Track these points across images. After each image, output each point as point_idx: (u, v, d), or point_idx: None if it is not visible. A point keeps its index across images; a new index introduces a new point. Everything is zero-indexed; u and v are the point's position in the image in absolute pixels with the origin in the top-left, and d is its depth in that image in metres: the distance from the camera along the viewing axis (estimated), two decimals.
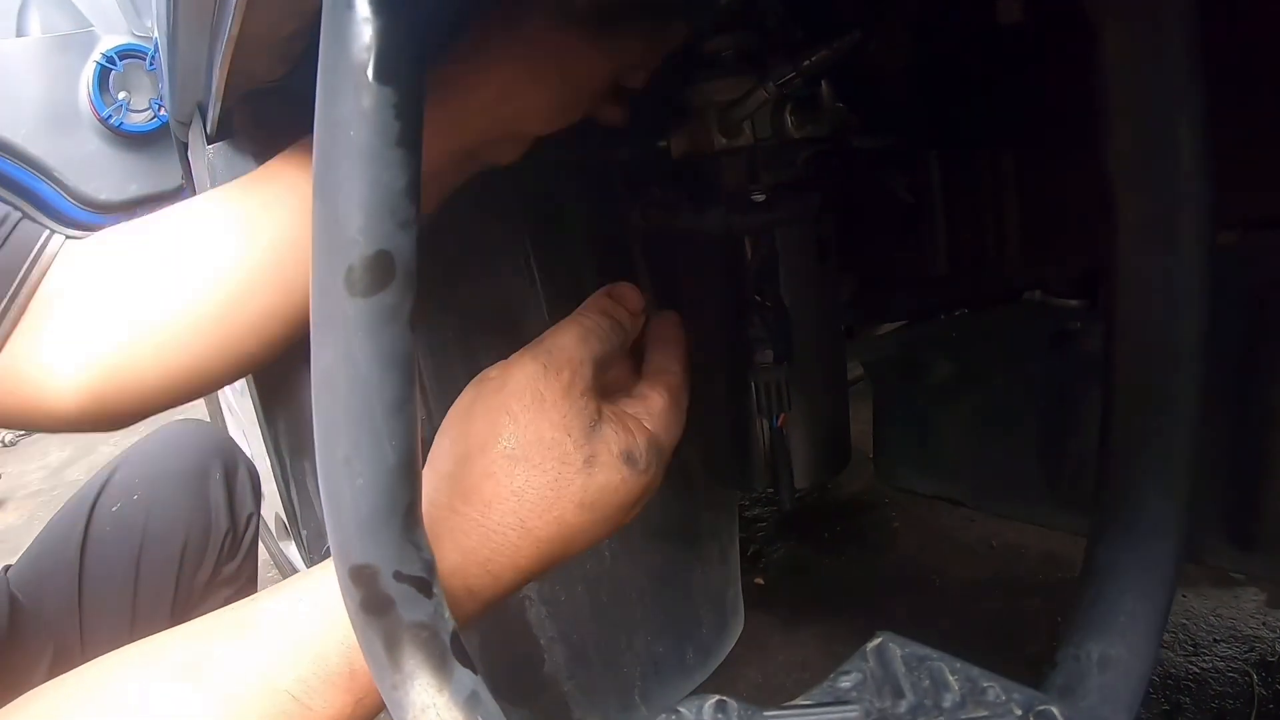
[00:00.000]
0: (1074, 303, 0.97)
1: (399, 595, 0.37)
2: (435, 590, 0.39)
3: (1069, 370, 1.00)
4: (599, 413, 0.59)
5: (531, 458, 0.56)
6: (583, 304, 0.65)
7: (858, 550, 2.06)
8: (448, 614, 0.40)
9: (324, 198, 0.32)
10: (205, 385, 0.75)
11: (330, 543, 0.37)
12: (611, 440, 0.58)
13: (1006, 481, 1.15)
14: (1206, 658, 1.54)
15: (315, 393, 0.34)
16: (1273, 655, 1.52)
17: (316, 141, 0.33)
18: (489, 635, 1.05)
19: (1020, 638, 1.63)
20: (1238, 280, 0.79)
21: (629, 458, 0.59)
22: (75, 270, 0.70)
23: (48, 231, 0.71)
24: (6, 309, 0.66)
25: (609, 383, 0.65)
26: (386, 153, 0.32)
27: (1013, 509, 1.18)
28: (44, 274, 0.69)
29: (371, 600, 0.37)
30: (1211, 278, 0.40)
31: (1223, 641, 1.57)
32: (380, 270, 0.32)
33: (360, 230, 0.31)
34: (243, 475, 1.28)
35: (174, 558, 1.16)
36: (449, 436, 0.59)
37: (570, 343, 0.60)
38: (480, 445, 0.56)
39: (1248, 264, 0.79)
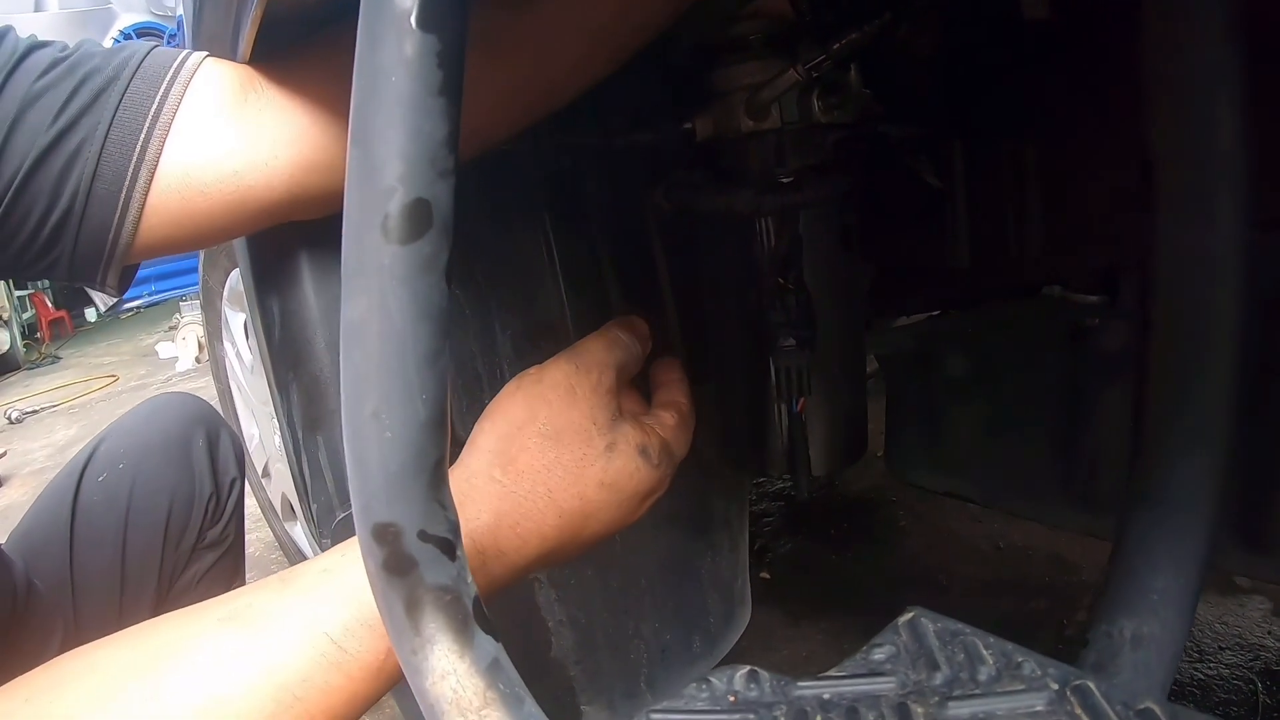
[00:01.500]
0: (1094, 299, 0.96)
1: (423, 556, 0.36)
2: (459, 553, 0.38)
3: (1086, 367, 0.99)
4: (620, 410, 0.69)
5: (562, 438, 0.64)
6: (602, 326, 0.74)
7: (864, 547, 2.05)
8: (470, 578, 0.39)
9: (361, 144, 0.32)
10: None
11: (353, 500, 0.36)
12: (630, 434, 0.67)
13: (1019, 480, 1.14)
14: (1212, 665, 1.53)
15: (344, 344, 0.34)
16: (1278, 664, 1.51)
17: (355, 88, 0.32)
18: (497, 615, 1.05)
19: (1028, 638, 1.61)
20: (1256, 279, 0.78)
21: (644, 451, 0.67)
22: (236, 75, 0.73)
23: (184, 52, 0.74)
24: (158, 113, 0.69)
25: (625, 410, 0.72)
26: (428, 101, 0.31)
27: (1025, 507, 1.18)
28: (192, 74, 0.71)
29: (394, 560, 0.36)
30: (1251, 256, 0.40)
31: (1228, 649, 1.56)
32: (418, 218, 0.31)
33: (399, 178, 0.31)
34: (225, 441, 1.29)
35: (159, 523, 1.18)
36: (490, 419, 0.66)
37: (598, 348, 0.70)
38: (519, 425, 0.64)
39: (1265, 263, 0.78)
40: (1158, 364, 0.43)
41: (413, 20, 0.30)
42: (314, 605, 0.55)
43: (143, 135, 0.68)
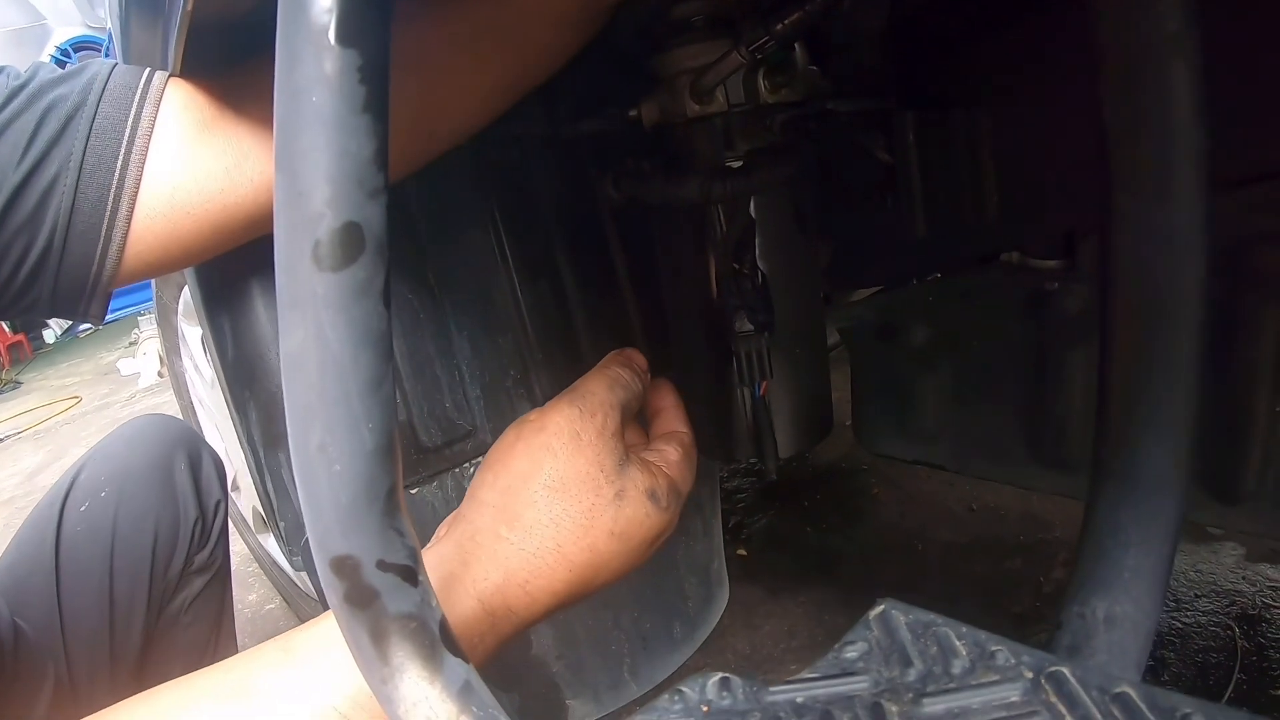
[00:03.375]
0: (1052, 263, 0.96)
1: (384, 586, 0.36)
2: (421, 578, 0.37)
3: (1048, 331, 0.99)
4: (626, 454, 0.66)
5: (570, 489, 0.62)
6: (600, 362, 0.73)
7: (839, 518, 2.06)
8: (435, 601, 0.38)
9: (286, 169, 0.30)
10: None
11: (309, 534, 0.35)
12: (638, 479, 0.65)
13: (987, 445, 1.15)
14: (1189, 613, 1.55)
15: (285, 376, 0.32)
16: (1254, 609, 1.53)
17: (276, 110, 0.31)
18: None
19: (1006, 598, 1.64)
20: (1215, 237, 0.79)
21: (652, 495, 0.65)
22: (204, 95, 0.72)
23: (147, 69, 0.72)
24: (132, 137, 0.67)
25: (628, 444, 0.69)
26: (352, 119, 0.30)
27: (994, 472, 1.18)
28: (161, 91, 0.70)
29: (355, 592, 0.36)
30: (1208, 227, 0.39)
31: (1204, 597, 1.58)
32: (350, 243, 0.30)
33: (327, 202, 0.30)
34: (208, 463, 1.27)
35: (146, 550, 1.15)
36: (492, 470, 0.64)
37: (601, 389, 0.67)
38: (523, 478, 0.62)
39: (1225, 221, 0.79)
40: (1119, 342, 0.43)
41: (331, 36, 0.29)
42: (320, 677, 0.53)
43: (119, 162, 0.66)
